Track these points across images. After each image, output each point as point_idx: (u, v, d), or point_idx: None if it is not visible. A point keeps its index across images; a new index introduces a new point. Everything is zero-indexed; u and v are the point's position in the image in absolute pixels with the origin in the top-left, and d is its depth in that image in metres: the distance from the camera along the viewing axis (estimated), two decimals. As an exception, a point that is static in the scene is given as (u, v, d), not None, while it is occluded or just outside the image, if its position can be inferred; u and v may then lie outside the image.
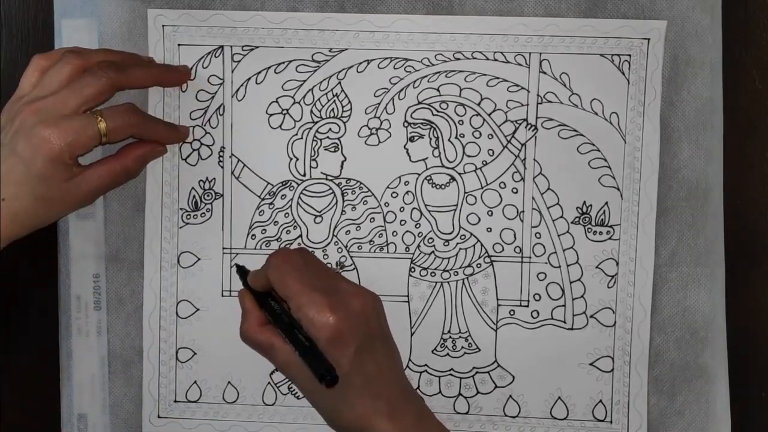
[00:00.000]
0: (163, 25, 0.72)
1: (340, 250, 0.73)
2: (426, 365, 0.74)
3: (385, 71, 0.72)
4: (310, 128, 0.73)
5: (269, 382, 0.74)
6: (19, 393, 0.77)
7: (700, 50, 0.71)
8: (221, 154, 0.73)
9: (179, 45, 0.72)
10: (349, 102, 0.73)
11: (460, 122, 0.72)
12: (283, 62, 0.72)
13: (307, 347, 0.63)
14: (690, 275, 0.72)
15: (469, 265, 0.73)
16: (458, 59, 0.72)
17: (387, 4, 0.72)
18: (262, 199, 0.73)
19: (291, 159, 0.73)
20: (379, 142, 0.73)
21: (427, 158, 0.73)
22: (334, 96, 0.73)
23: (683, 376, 0.72)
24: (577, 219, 0.72)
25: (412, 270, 0.73)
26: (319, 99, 0.73)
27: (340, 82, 0.73)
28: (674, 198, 0.72)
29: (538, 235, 0.73)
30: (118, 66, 0.67)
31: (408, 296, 0.73)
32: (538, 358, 0.73)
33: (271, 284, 0.67)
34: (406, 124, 0.73)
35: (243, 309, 0.69)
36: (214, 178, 0.73)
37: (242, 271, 0.71)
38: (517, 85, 0.72)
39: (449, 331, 0.73)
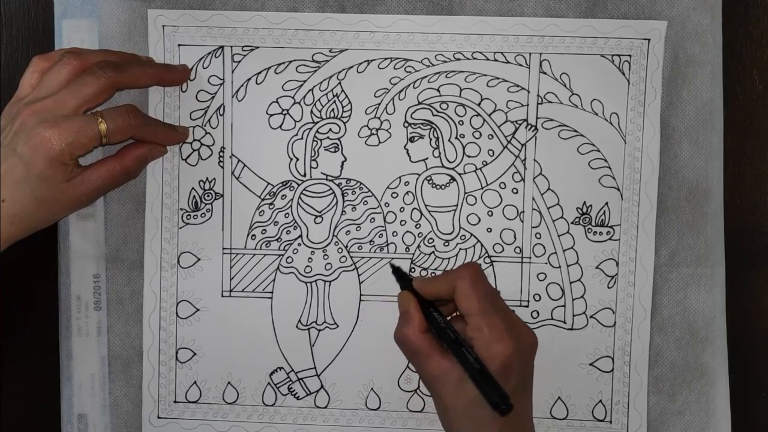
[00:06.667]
0: (163, 26, 0.72)
1: (340, 250, 0.73)
2: (426, 365, 0.74)
3: (385, 71, 0.72)
4: (311, 128, 0.73)
5: (269, 383, 0.74)
6: (19, 393, 0.77)
7: (700, 50, 0.71)
8: (221, 154, 0.73)
9: (179, 45, 0.72)
10: (350, 102, 0.73)
11: (460, 122, 0.72)
12: (284, 62, 0.72)
13: (480, 369, 0.61)
14: (690, 275, 0.72)
15: (469, 266, 0.73)
16: (458, 59, 0.72)
17: (387, 5, 0.72)
18: (263, 200, 0.73)
19: (291, 159, 0.73)
20: (380, 142, 0.73)
21: (427, 158, 0.73)
22: (334, 96, 0.73)
23: (683, 376, 0.72)
24: (577, 219, 0.72)
25: (413, 270, 0.73)
26: (319, 99, 0.73)
27: (340, 83, 0.72)
28: (674, 198, 0.72)
29: (538, 236, 0.72)
30: (117, 66, 0.67)
31: (408, 296, 0.73)
32: (537, 358, 0.73)
33: (444, 294, 0.66)
34: (406, 125, 0.73)
35: (405, 311, 0.67)
36: (214, 179, 0.73)
37: (399, 273, 0.70)
38: (517, 86, 0.72)
39: (449, 332, 0.73)
